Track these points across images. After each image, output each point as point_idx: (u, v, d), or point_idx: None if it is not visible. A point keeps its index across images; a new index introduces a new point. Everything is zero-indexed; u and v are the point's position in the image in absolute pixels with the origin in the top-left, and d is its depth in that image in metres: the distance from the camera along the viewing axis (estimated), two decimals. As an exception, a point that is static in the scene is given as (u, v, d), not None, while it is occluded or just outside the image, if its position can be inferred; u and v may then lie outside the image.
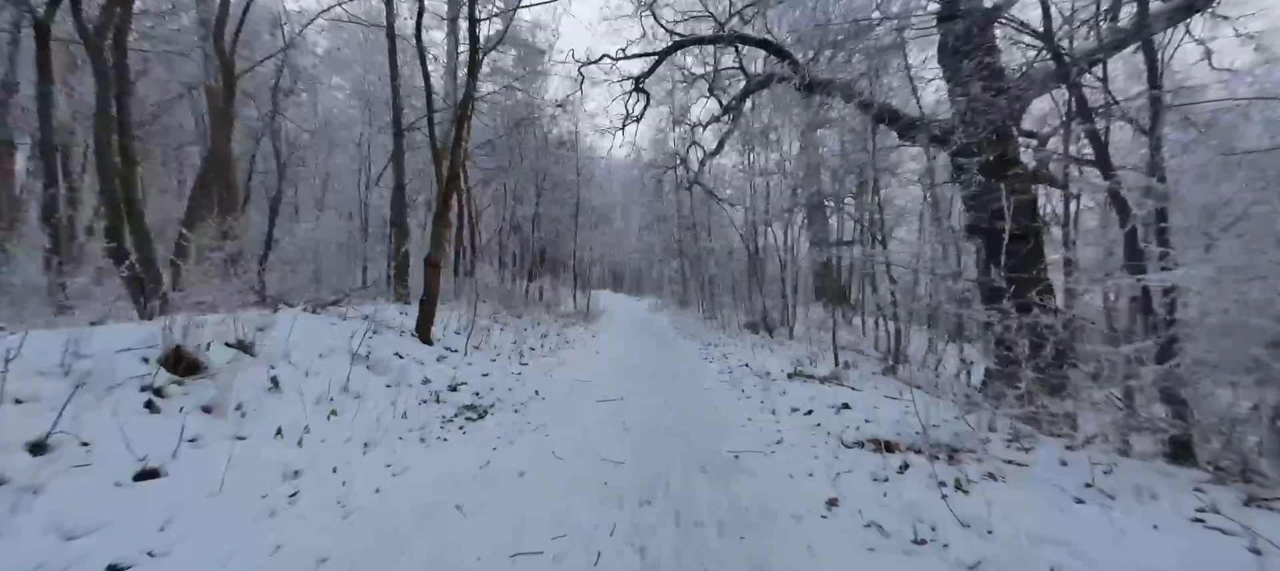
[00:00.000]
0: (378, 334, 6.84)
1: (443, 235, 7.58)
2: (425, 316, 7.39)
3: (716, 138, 17.43)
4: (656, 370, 8.07)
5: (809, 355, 9.71)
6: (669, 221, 23.46)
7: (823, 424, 4.88)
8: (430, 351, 6.91)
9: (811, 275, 19.01)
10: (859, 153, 14.15)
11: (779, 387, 6.68)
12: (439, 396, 5.25)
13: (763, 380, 7.22)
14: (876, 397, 6.15)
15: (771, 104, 17.03)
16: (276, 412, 3.74)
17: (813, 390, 6.52)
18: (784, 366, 8.40)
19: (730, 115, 15.71)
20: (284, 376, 4.27)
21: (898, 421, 4.83)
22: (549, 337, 10.56)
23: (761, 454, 4.15)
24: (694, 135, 18.58)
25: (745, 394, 6.43)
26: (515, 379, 6.62)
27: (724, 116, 16.05)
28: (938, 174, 12.58)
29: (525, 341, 9.54)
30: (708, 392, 6.53)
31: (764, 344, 11.36)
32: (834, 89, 12.04)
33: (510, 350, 8.38)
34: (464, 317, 10.35)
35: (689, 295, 23.15)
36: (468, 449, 4.04)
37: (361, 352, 5.72)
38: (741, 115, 15.68)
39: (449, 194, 7.53)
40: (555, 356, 8.67)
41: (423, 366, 6.24)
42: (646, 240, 29.58)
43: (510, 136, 16.60)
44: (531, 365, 7.61)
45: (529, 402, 5.62)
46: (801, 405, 5.63)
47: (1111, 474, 3.33)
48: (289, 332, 5.29)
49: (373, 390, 4.88)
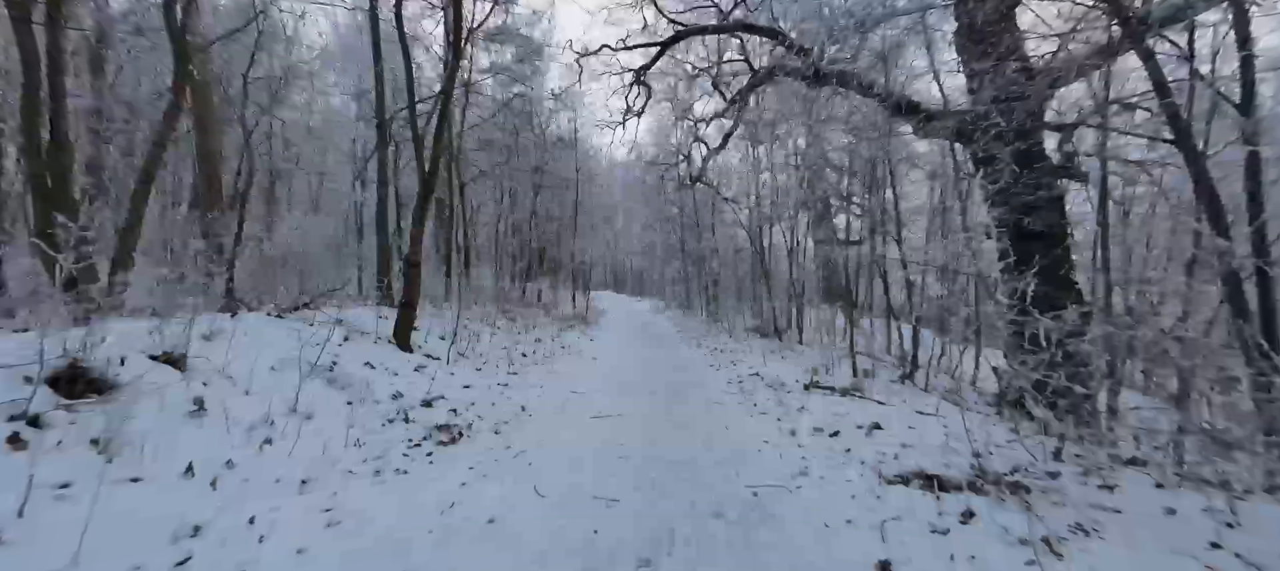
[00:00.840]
0: (349, 341, 6.17)
1: (423, 231, 6.90)
2: (404, 321, 6.71)
3: (720, 134, 16.80)
4: (659, 380, 7.37)
5: (823, 362, 9.00)
6: (671, 221, 22.78)
7: (854, 450, 4.16)
8: (408, 361, 6.22)
9: (817, 276, 18.31)
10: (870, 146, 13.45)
11: (796, 401, 5.98)
12: (408, 415, 4.55)
13: (777, 392, 6.51)
14: (907, 413, 5.44)
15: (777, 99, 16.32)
16: (192, 445, 3.05)
17: (834, 404, 5.81)
18: (798, 375, 7.69)
19: (734, 110, 15.04)
20: (215, 396, 3.58)
21: (942, 446, 4.13)
22: (543, 343, 9.87)
23: (785, 490, 3.44)
24: (697, 131, 17.92)
25: (759, 408, 5.73)
26: (501, 392, 5.92)
27: (728, 111, 15.39)
28: (956, 169, 11.86)
29: (517, 348, 8.85)
30: (716, 407, 5.83)
31: (773, 349, 10.65)
32: (847, 80, 11.35)
33: (499, 358, 7.69)
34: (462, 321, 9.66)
35: (692, 297, 22.46)
36: (431, 484, 3.34)
37: (323, 363, 5.03)
38: (746, 110, 15.01)
39: (431, 186, 6.86)
40: (548, 365, 7.98)
41: (395, 378, 5.55)
42: (648, 240, 28.91)
43: (507, 132, 15.94)
44: (521, 375, 6.92)
45: (513, 421, 4.91)
46: (824, 423, 4.92)
47: (1238, 529, 2.62)
48: (238, 341, 4.61)
49: (328, 409, 4.18)
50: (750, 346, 11.02)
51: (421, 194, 6.82)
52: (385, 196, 8.97)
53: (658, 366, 8.62)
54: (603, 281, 46.16)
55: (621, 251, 38.72)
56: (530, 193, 18.05)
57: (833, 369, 8.26)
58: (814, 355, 10.18)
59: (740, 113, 14.92)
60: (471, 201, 17.06)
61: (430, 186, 6.85)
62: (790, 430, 4.79)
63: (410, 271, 6.78)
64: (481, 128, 16.44)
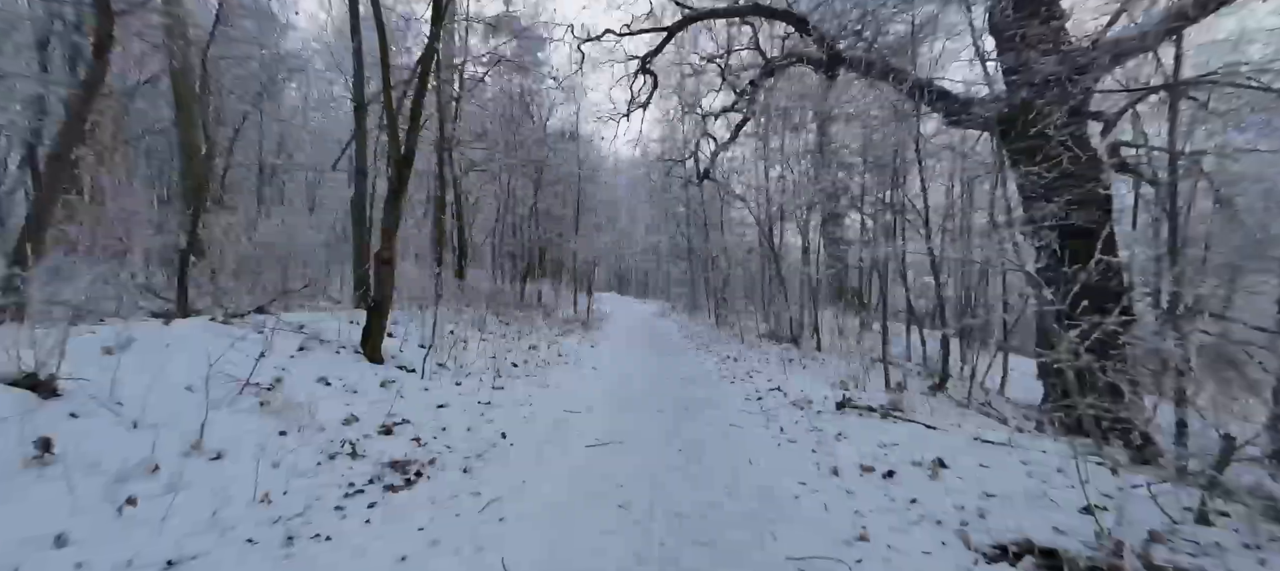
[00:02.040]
0: (305, 352, 5.28)
1: (398, 223, 6.01)
2: (374, 328, 5.82)
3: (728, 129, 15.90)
4: (666, 396, 6.45)
5: (848, 373, 8.06)
6: (677, 220, 21.88)
7: (921, 500, 3.23)
8: (374, 375, 5.33)
9: (827, 278, 17.36)
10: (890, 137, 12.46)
11: (830, 424, 5.04)
12: (356, 448, 3.65)
13: (804, 412, 5.58)
14: (967, 443, 4.50)
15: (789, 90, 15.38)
16: (16, 509, 2.16)
17: (876, 429, 4.88)
18: (825, 390, 6.75)
19: (744, 102, 14.15)
20: (77, 433, 2.69)
21: (1035, 495, 3.19)
22: (538, 351, 8.97)
23: (840, 565, 2.53)
24: (705, 126, 17.04)
25: (786, 434, 4.79)
26: (481, 412, 5.01)
27: (737, 104, 14.50)
28: (1001, 161, 10.93)
29: (508, 356, 7.95)
30: (735, 433, 4.90)
31: (791, 357, 9.71)
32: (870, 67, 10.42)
33: (486, 369, 6.79)
34: (448, 324, 8.77)
35: (698, 299, 21.53)
36: (360, 557, 2.45)
37: (261, 381, 4.14)
38: (757, 102, 14.10)
39: (406, 172, 5.97)
40: (542, 376, 7.07)
41: (353, 397, 4.65)
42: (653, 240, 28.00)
43: (505, 124, 15.07)
44: (509, 390, 6.01)
45: (490, 453, 4.00)
46: (872, 457, 3.99)
47: None
48: (152, 355, 3.74)
49: (247, 444, 3.28)
50: (765, 354, 10.08)
51: (395, 180, 5.94)
52: (363, 187, 8.11)
53: (664, 378, 7.70)
54: (606, 283, 45.30)
55: (625, 252, 37.82)
56: (530, 189, 17.16)
57: (862, 381, 7.31)
58: (836, 364, 9.24)
59: (751, 105, 14.04)
60: (468, 197, 16.21)
61: (406, 172, 5.97)
62: (831, 468, 3.85)
63: (381, 270, 5.90)
64: (478, 119, 15.60)
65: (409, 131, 5.99)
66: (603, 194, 24.38)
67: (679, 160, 19.93)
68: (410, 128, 5.99)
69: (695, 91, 18.08)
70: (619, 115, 15.41)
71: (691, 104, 18.57)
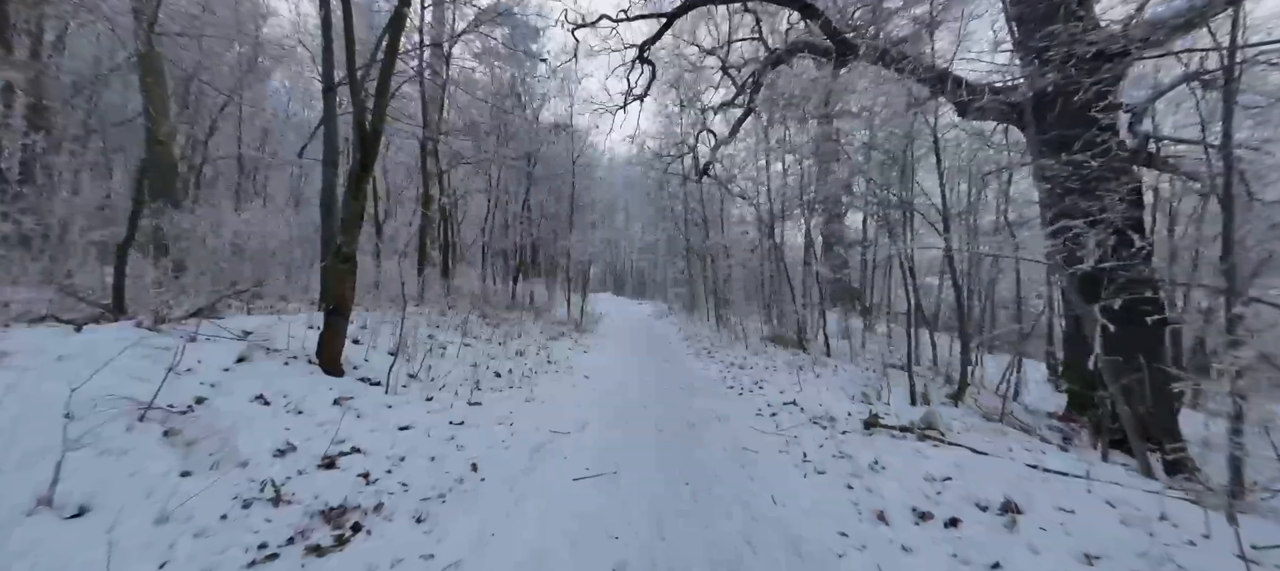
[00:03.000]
0: (245, 363, 4.51)
1: (361, 214, 5.24)
2: (332, 334, 5.05)
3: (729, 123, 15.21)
4: (667, 410, 5.71)
5: (866, 382, 7.35)
6: (675, 219, 21.15)
7: (1006, 566, 2.50)
8: (328, 390, 4.56)
9: (829, 278, 16.69)
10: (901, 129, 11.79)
11: (860, 448, 4.31)
12: (284, 490, 2.90)
13: (828, 432, 4.85)
14: (1023, 471, 3.78)
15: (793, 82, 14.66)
16: None
17: (917, 455, 4.15)
18: (845, 403, 6.03)
19: (746, 96, 13.46)
20: None
21: (1150, 554, 2.47)
22: (526, 357, 8.21)
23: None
24: (704, 120, 16.34)
25: (812, 463, 4.06)
26: (451, 436, 4.25)
27: (738, 98, 13.81)
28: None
29: (490, 365, 7.20)
30: (750, 459, 4.16)
31: (799, 363, 8.98)
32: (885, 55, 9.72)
33: (465, 379, 6.03)
34: (426, 328, 8.01)
35: (697, 299, 20.80)
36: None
37: (175, 404, 3.38)
38: (758, 96, 13.40)
39: (371, 154, 5.20)
40: (527, 388, 6.32)
41: (295, 420, 3.88)
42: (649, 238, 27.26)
43: (495, 116, 14.29)
44: (487, 406, 5.26)
45: (455, 493, 3.25)
46: (923, 497, 3.26)
47: None
48: (34, 371, 2.98)
49: (128, 493, 2.52)
50: (772, 360, 9.35)
51: (359, 162, 5.17)
52: (332, 178, 7.33)
53: (664, 388, 6.95)
54: (602, 283, 44.59)
55: (622, 251, 37.06)
56: (522, 184, 16.38)
57: (883, 393, 6.59)
58: (850, 372, 8.52)
59: (753, 98, 13.36)
60: (456, 193, 15.41)
61: (370, 154, 5.20)
62: (876, 513, 3.11)
63: (341, 269, 5.13)
64: (467, 110, 14.82)
65: (376, 105, 5.22)
66: (598, 191, 23.63)
67: (677, 156, 19.24)
68: (377, 101, 5.23)
69: (694, 85, 17.38)
70: (615, 107, 14.70)
71: (690, 98, 17.87)
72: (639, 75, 14.30)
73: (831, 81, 13.47)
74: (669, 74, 17.53)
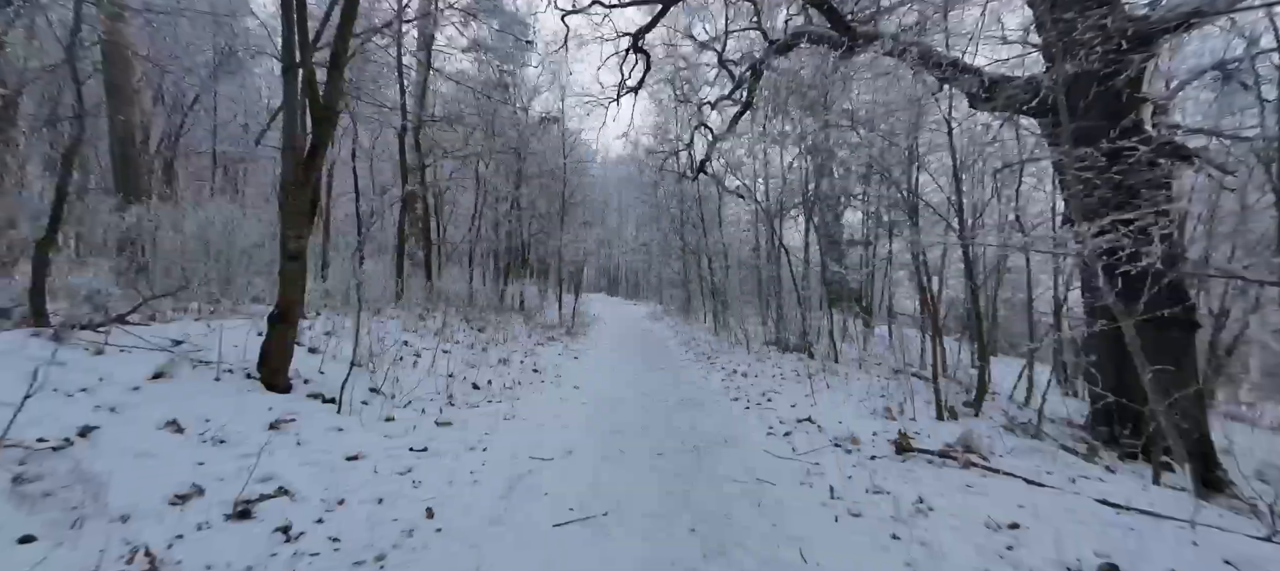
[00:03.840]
0: (164, 379, 3.78)
1: (308, 203, 4.51)
2: (275, 344, 4.33)
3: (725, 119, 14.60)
4: (667, 429, 5.02)
5: (882, 392, 6.70)
6: (671, 218, 20.48)
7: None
8: (269, 409, 3.83)
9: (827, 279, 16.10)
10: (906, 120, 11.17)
11: (897, 480, 3.64)
12: (161, 557, 2.18)
13: (854, 457, 4.17)
14: (1099, 510, 3.13)
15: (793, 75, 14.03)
16: None
17: (965, 490, 3.48)
18: (866, 420, 5.36)
19: (744, 90, 12.83)
20: None
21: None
22: (510, 366, 7.50)
23: None
24: (701, 115, 15.69)
25: (843, 500, 3.37)
26: (409, 468, 3.54)
27: (736, 93, 13.18)
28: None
29: (471, 373, 6.48)
30: (769, 496, 3.47)
31: (807, 370, 8.30)
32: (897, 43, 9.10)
33: (437, 394, 5.31)
34: (401, 332, 7.29)
35: (693, 301, 20.14)
36: None
37: (46, 438, 2.65)
38: (757, 89, 12.77)
39: (325, 131, 4.48)
40: (508, 402, 5.60)
41: (216, 452, 3.16)
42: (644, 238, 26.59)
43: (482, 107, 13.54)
44: (460, 425, 4.55)
45: (396, 554, 2.53)
46: (1000, 563, 2.59)
47: None
48: None
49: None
50: (778, 367, 8.68)
51: (307, 146, 4.46)
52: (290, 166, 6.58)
53: (662, 401, 6.26)
54: (595, 283, 43.88)
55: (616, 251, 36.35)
56: (510, 180, 15.64)
57: (907, 406, 5.93)
58: (863, 380, 7.86)
59: (751, 92, 12.73)
60: (440, 189, 14.67)
61: (323, 135, 4.48)
62: (939, 577, 2.44)
63: (288, 268, 4.41)
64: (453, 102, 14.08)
65: (329, 79, 4.51)
66: (591, 189, 22.92)
67: (672, 153, 18.57)
68: (330, 74, 4.52)
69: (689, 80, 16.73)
70: (608, 100, 14.03)
71: (686, 94, 17.22)
72: (633, 66, 13.65)
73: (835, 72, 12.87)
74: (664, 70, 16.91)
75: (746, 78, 12.39)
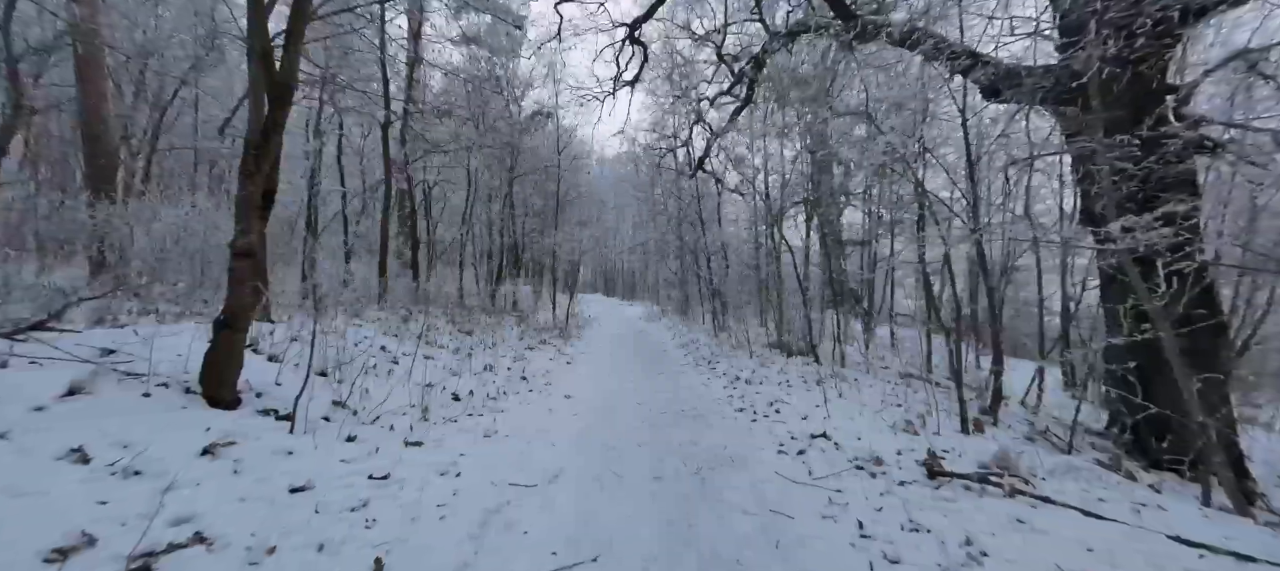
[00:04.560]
0: (83, 395, 3.24)
1: (260, 192, 3.96)
2: (221, 353, 3.78)
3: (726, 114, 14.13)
4: (667, 447, 4.51)
5: (898, 400, 6.20)
6: (669, 215, 19.97)
7: None
8: (207, 428, 3.29)
9: (826, 280, 15.58)
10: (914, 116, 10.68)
11: (939, 516, 3.12)
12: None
13: (880, 482, 3.66)
14: (1171, 549, 2.63)
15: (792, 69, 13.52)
16: None
17: (1015, 524, 2.97)
18: (886, 435, 4.85)
19: (743, 84, 12.35)
20: None
21: None
22: (495, 373, 6.97)
23: None
24: (699, 110, 15.20)
25: (876, 539, 2.85)
26: (362, 503, 3.00)
27: (735, 88, 12.69)
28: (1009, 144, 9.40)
29: (452, 382, 5.94)
30: (787, 534, 2.96)
31: (814, 376, 7.81)
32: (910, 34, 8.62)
33: (410, 407, 4.77)
34: (381, 337, 6.75)
35: (691, 301, 19.63)
36: None
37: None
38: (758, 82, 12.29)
39: (280, 110, 3.94)
40: (490, 415, 5.07)
41: (125, 485, 2.62)
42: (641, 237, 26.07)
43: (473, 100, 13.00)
44: (431, 444, 4.02)
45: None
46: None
47: None
48: None
49: None
50: (783, 373, 8.17)
51: (260, 128, 3.92)
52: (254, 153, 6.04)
53: (661, 413, 5.74)
54: (592, 283, 43.37)
55: (612, 250, 35.80)
56: (503, 177, 15.09)
57: (929, 417, 5.42)
58: (874, 386, 7.36)
59: (752, 86, 12.25)
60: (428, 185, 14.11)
61: (277, 113, 3.94)
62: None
63: (238, 267, 3.87)
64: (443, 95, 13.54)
65: (285, 51, 3.98)
66: (586, 186, 22.38)
67: (670, 149, 18.06)
68: (287, 46, 3.99)
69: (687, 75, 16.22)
70: (604, 94, 13.52)
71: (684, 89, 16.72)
72: (629, 58, 13.13)
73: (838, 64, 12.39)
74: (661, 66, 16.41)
75: (746, 72, 11.92)
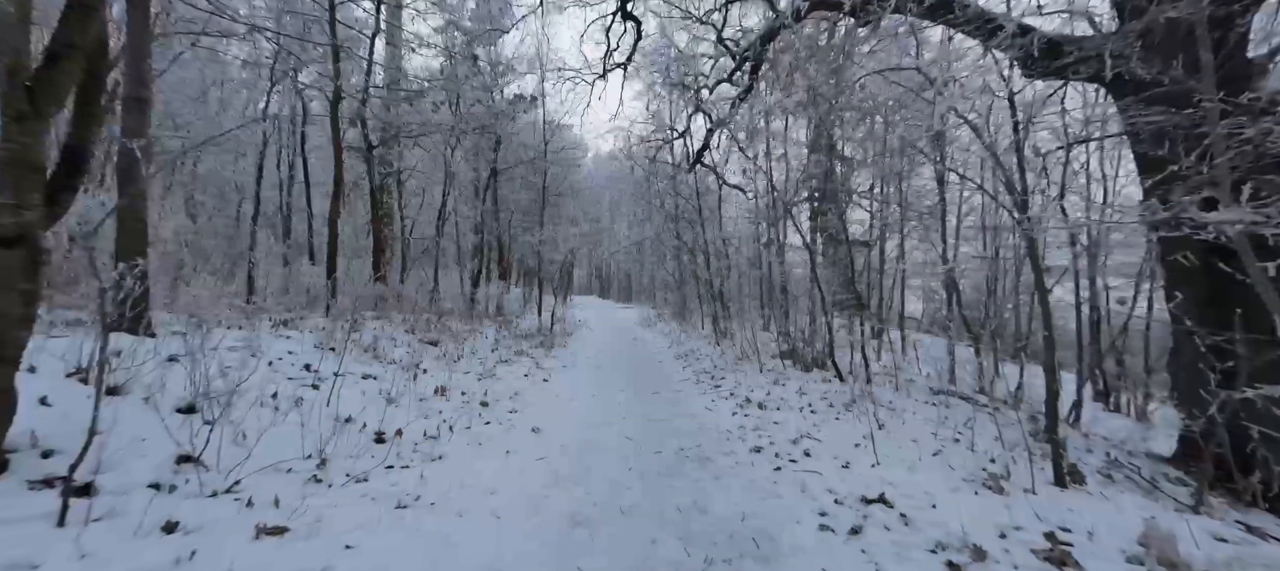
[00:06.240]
0: None
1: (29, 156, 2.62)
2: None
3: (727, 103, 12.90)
4: (658, 519, 3.18)
5: (958, 434, 4.89)
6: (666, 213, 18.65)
7: None
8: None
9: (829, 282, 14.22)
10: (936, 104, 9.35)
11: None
12: None
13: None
14: None
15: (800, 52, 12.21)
16: None
17: None
18: (969, 499, 3.53)
19: (746, 70, 11.11)
20: None
21: None
22: (448, 398, 5.62)
23: None
24: (698, 100, 13.92)
25: None
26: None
27: (736, 74, 11.46)
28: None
29: (386, 412, 4.60)
30: None
31: (840, 397, 6.49)
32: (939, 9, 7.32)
33: (307, 455, 3.43)
34: (313, 352, 5.42)
35: (690, 304, 18.30)
36: None
37: None
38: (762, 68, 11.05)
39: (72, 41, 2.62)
40: (418, 466, 3.73)
41: None
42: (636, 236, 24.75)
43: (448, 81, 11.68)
44: (301, 533, 2.67)
45: None
46: None
47: None
48: None
49: None
50: (802, 391, 6.85)
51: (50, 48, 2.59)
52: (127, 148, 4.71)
53: (656, 454, 4.41)
54: (587, 285, 42.09)
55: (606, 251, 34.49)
56: (484, 170, 13.77)
57: (1013, 466, 4.11)
58: (918, 412, 6.04)
59: (754, 72, 11.01)
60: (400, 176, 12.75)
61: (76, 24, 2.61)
62: None
63: (8, 258, 2.54)
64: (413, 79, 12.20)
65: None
66: (576, 181, 21.05)
67: (666, 141, 16.81)
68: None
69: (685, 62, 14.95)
70: (593, 76, 12.26)
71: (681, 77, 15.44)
72: (621, 34, 11.90)
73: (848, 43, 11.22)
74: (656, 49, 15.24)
75: (748, 56, 10.70)
